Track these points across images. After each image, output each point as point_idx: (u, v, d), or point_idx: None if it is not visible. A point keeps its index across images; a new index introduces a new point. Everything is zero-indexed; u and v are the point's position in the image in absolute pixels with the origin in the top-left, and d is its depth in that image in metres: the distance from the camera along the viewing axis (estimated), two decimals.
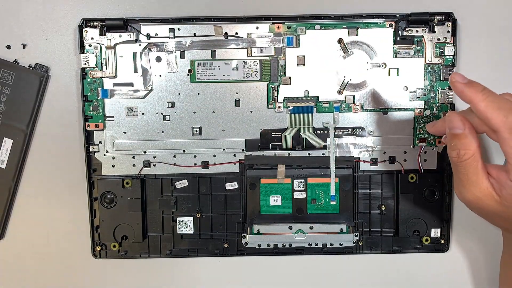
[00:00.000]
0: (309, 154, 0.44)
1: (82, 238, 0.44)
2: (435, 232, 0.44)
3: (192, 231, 0.44)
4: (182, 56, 0.43)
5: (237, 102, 0.43)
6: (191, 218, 0.44)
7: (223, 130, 0.43)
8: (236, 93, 0.43)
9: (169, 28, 0.42)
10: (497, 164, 0.34)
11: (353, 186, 0.44)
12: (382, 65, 0.43)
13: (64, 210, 0.45)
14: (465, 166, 0.33)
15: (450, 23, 0.42)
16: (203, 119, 0.43)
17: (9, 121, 0.43)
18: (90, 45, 0.42)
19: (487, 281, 0.45)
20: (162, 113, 0.43)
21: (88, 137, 0.43)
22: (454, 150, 0.33)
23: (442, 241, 0.45)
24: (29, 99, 0.43)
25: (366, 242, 0.45)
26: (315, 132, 0.44)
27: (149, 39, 0.42)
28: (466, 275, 0.46)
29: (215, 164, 0.44)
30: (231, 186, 0.44)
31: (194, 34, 0.42)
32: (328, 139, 0.44)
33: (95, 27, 0.42)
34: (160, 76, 0.43)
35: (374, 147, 0.44)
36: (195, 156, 0.44)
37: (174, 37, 0.42)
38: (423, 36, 0.42)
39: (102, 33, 0.42)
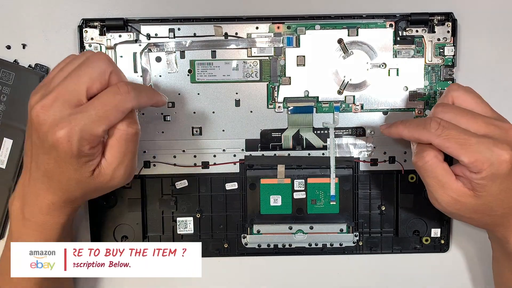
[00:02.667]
0: (309, 154, 0.44)
1: (82, 238, 0.44)
2: (435, 232, 0.44)
3: (192, 231, 0.44)
4: (182, 56, 0.43)
5: (237, 102, 0.43)
6: (191, 218, 0.44)
7: (223, 130, 0.43)
8: (236, 93, 0.43)
9: (169, 28, 0.42)
10: (458, 163, 0.34)
11: (353, 186, 0.44)
12: (382, 65, 0.43)
13: None
14: (431, 169, 0.34)
15: (450, 23, 0.42)
16: (203, 119, 0.43)
17: (9, 121, 0.43)
18: (90, 45, 0.42)
19: (487, 281, 0.45)
20: (162, 113, 0.43)
21: None
22: (416, 156, 0.34)
23: (442, 241, 0.45)
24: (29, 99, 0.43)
25: (366, 242, 0.45)
26: (315, 132, 0.44)
27: (149, 39, 0.42)
28: (466, 275, 0.46)
29: (215, 164, 0.44)
30: (231, 186, 0.44)
31: (194, 34, 0.42)
32: (328, 139, 0.44)
33: (95, 27, 0.42)
34: (160, 76, 0.43)
35: (374, 147, 0.44)
36: (195, 156, 0.44)
37: (174, 37, 0.42)
38: (423, 36, 0.42)
39: (102, 33, 0.42)
